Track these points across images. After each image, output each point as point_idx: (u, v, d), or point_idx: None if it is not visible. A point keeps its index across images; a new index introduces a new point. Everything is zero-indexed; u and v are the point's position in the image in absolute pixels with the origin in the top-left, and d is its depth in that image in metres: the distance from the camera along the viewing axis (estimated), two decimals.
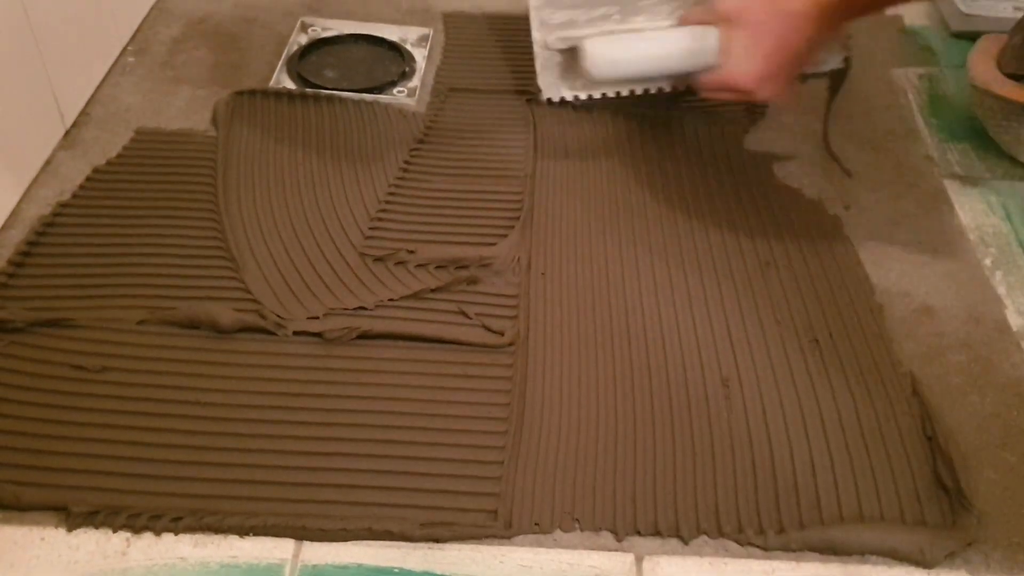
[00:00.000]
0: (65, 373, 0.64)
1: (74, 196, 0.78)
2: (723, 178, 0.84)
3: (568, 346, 0.68)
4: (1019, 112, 0.82)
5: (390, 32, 1.00)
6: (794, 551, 0.57)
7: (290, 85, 0.92)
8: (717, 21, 0.78)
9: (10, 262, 0.71)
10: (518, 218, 0.77)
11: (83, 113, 0.87)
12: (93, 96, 0.89)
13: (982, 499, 0.60)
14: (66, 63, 0.84)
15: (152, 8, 1.02)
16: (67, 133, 0.85)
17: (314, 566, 0.55)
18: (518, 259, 0.74)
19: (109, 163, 0.82)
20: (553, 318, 0.70)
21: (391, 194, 0.80)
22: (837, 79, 0.88)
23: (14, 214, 0.76)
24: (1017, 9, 1.05)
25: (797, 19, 0.74)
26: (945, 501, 0.59)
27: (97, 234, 0.75)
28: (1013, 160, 0.87)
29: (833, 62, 0.85)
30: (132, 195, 0.79)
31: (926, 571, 0.56)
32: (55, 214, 0.76)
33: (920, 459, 0.61)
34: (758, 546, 0.57)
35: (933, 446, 0.62)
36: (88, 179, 0.80)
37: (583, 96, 0.89)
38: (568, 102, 0.91)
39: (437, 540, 0.56)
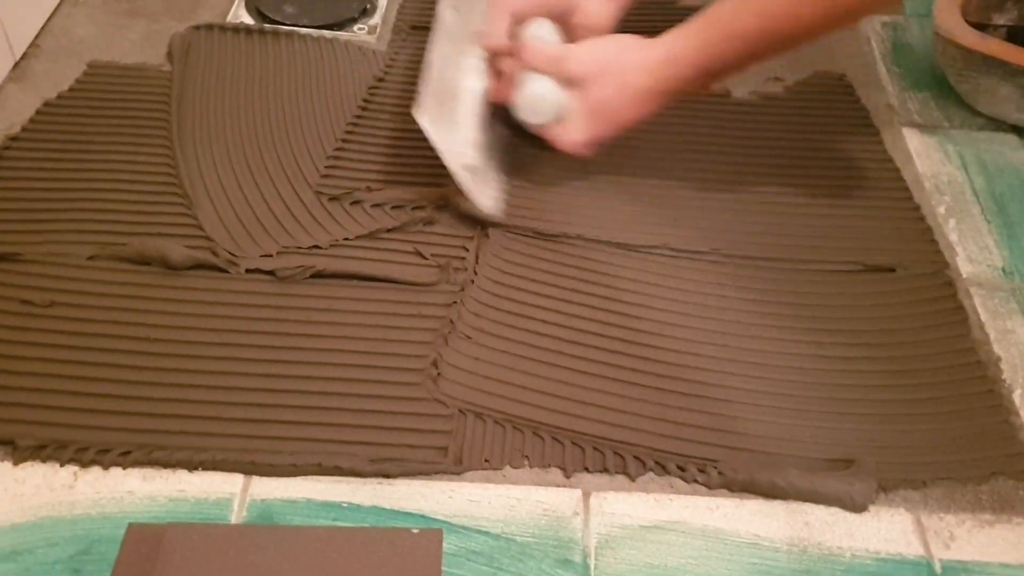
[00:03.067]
0: (13, 308, 0.63)
1: (23, 130, 0.76)
2: (683, 111, 0.83)
3: (522, 287, 0.68)
4: (979, 62, 0.82)
5: None
6: (735, 492, 0.58)
7: (248, 20, 0.91)
8: (562, 79, 0.71)
9: None
10: None
11: (33, 45, 0.85)
12: (44, 27, 0.87)
13: (923, 439, 0.61)
14: None
15: None
16: (16, 65, 0.83)
17: (263, 501, 0.55)
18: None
19: (60, 97, 0.80)
20: (507, 259, 0.70)
21: (348, 132, 0.79)
22: None
23: None
24: None
25: (641, 97, 0.70)
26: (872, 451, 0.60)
27: (47, 168, 0.73)
28: (971, 110, 0.87)
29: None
30: (84, 130, 0.77)
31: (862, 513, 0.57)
32: (3, 148, 0.74)
33: (856, 405, 0.63)
34: (702, 484, 0.58)
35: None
36: (38, 113, 0.78)
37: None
38: None
39: (387, 476, 0.57)
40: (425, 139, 0.78)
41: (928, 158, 0.82)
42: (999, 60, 0.81)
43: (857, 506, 0.57)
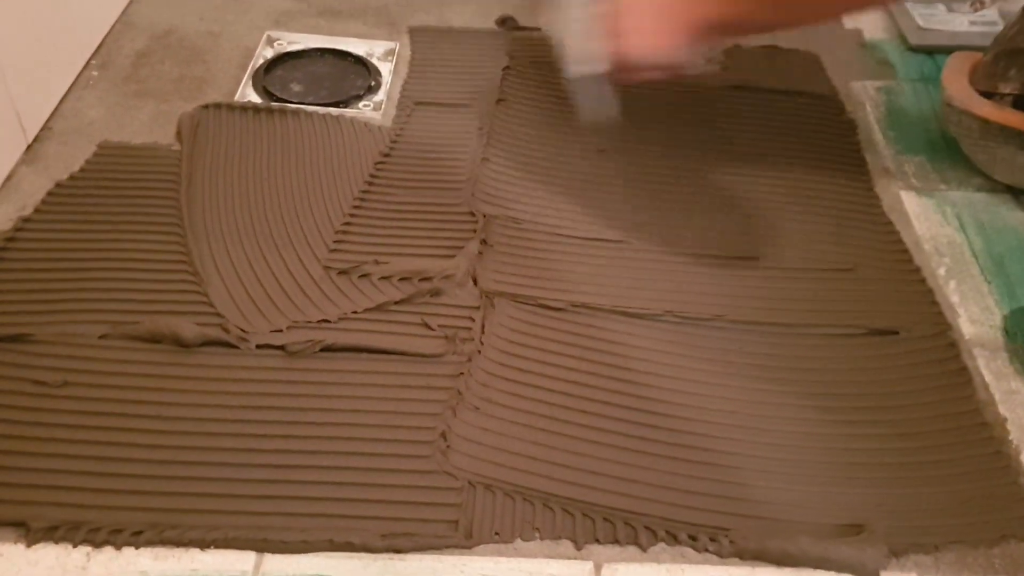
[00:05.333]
0: (26, 388, 0.64)
1: (36, 211, 0.78)
2: (693, 194, 0.85)
3: (528, 356, 0.69)
4: (996, 132, 0.84)
5: (356, 46, 1.00)
6: (747, 560, 0.58)
7: (256, 99, 0.93)
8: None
9: None
10: (475, 231, 0.78)
11: (45, 127, 0.87)
12: (56, 110, 0.89)
13: (932, 502, 0.61)
14: (28, 77, 0.83)
15: (116, 21, 1.02)
16: (29, 148, 0.84)
17: None
18: (470, 273, 0.75)
19: (72, 178, 0.82)
20: (513, 328, 0.71)
21: (356, 207, 0.80)
22: None
23: None
24: (973, 24, 1.08)
25: None
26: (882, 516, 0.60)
27: (59, 249, 0.74)
28: (968, 172, 0.89)
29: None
30: (95, 210, 0.78)
31: None
32: (16, 229, 0.75)
33: (864, 469, 0.63)
34: (714, 553, 0.58)
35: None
36: (50, 194, 0.79)
37: None
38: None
39: (398, 551, 0.57)
40: (431, 212, 0.80)
41: (926, 220, 0.84)
42: (1017, 130, 0.82)
43: (869, 572, 0.57)
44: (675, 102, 0.96)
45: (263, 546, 0.56)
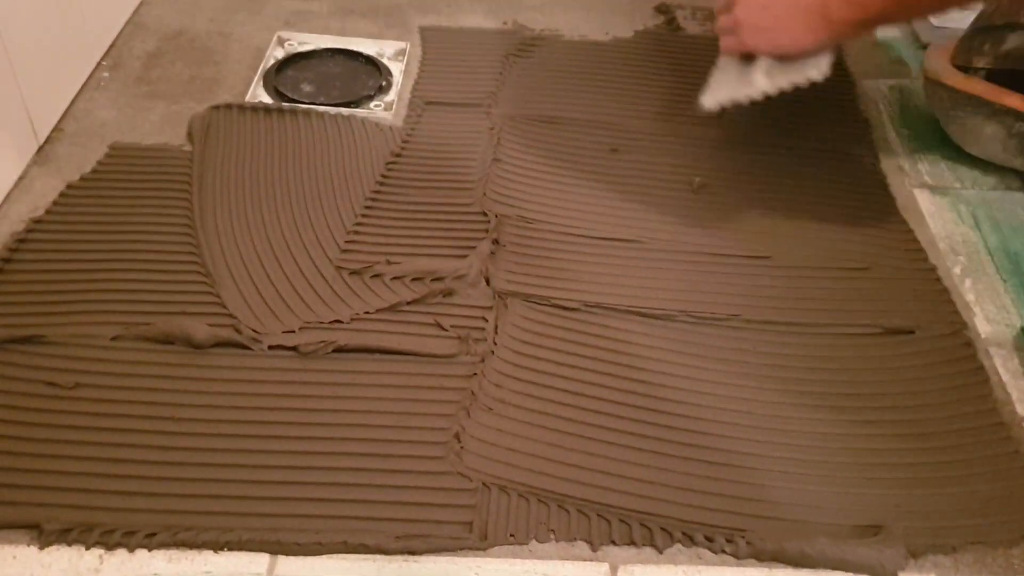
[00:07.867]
0: (38, 390, 0.64)
1: (47, 212, 0.78)
2: (707, 193, 0.85)
3: (542, 357, 0.69)
4: (965, 102, 0.85)
5: (367, 46, 1.00)
6: (764, 561, 0.57)
7: (267, 99, 0.92)
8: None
9: None
10: (487, 231, 0.78)
11: (57, 129, 0.87)
12: (67, 111, 0.89)
13: (950, 502, 0.60)
14: (39, 78, 0.83)
15: (127, 23, 1.02)
16: (40, 149, 0.84)
17: None
18: (483, 273, 0.74)
19: (83, 179, 0.81)
20: (526, 328, 0.71)
21: (368, 207, 0.80)
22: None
23: None
24: None
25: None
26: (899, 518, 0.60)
27: (70, 250, 0.74)
28: (983, 170, 0.88)
29: (817, 71, 0.79)
30: (106, 211, 0.78)
31: None
32: (28, 231, 0.75)
33: (881, 469, 0.63)
34: (730, 554, 0.57)
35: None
36: (62, 195, 0.79)
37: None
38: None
39: (412, 552, 0.56)
40: (443, 212, 0.80)
41: (941, 218, 0.83)
42: (983, 100, 0.84)
43: (887, 574, 0.57)
44: (686, 100, 0.95)
45: (277, 548, 0.56)
